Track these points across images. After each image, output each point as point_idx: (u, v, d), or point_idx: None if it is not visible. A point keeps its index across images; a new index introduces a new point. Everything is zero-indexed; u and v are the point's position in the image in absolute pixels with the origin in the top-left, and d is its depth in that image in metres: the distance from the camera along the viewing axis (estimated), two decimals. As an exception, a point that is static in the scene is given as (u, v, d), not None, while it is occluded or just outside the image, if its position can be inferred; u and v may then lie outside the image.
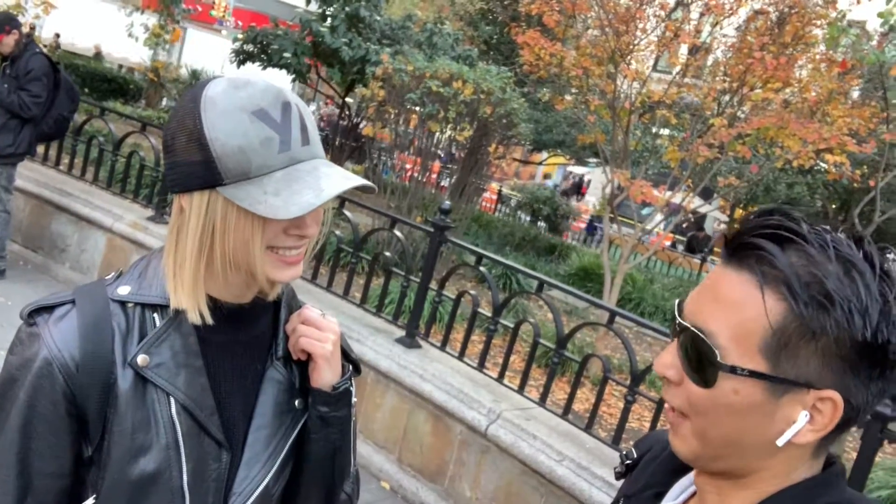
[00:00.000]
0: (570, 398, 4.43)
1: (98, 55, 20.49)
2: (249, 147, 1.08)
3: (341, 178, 1.13)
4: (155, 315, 1.17)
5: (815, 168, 8.92)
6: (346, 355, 1.36)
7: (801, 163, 6.29)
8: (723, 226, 25.70)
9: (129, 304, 1.17)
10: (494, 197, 18.18)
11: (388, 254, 5.52)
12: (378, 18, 11.74)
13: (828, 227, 0.86)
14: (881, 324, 0.80)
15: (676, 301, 0.95)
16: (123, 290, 1.18)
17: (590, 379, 6.33)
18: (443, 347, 4.96)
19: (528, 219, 15.28)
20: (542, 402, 4.49)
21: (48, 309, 1.17)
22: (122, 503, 1.15)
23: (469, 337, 4.92)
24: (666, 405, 0.95)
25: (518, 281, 8.54)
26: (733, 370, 0.84)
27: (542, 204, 14.86)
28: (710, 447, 0.90)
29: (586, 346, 7.05)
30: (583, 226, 17.34)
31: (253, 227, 1.11)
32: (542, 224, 15.25)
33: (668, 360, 0.92)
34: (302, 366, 1.30)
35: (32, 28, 11.92)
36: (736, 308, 0.85)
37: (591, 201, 21.34)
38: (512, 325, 4.76)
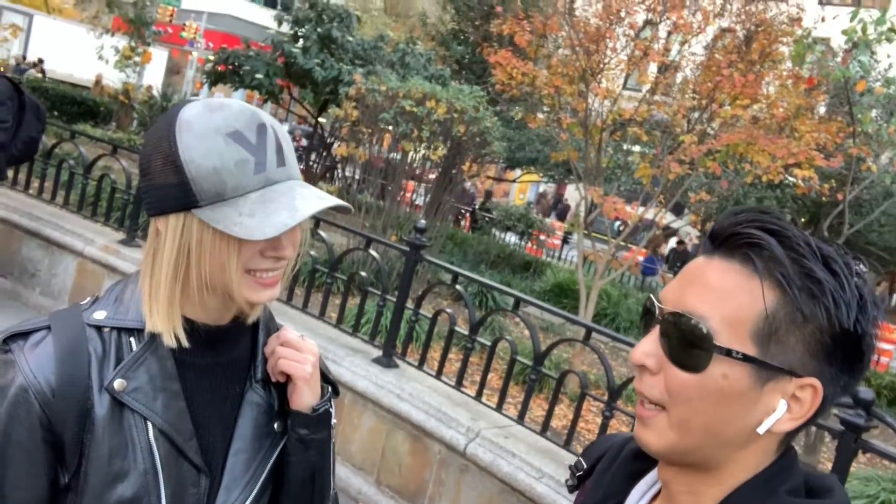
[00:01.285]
0: (549, 415, 4.43)
1: (99, 84, 19.84)
2: (224, 169, 1.08)
3: (316, 199, 1.13)
4: (131, 339, 1.16)
5: (784, 182, 9.05)
6: (325, 377, 1.35)
7: (771, 178, 6.39)
8: (696, 240, 25.97)
9: (106, 329, 1.16)
10: (469, 214, 18.22)
11: (363, 273, 5.51)
12: (350, 39, 11.79)
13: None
14: (859, 315, 0.85)
15: (650, 295, 0.97)
16: (99, 315, 1.17)
17: (567, 395, 6.34)
18: (420, 366, 4.94)
19: (504, 236, 15.33)
20: (520, 419, 4.49)
21: (23, 335, 1.15)
22: None
23: (446, 355, 4.90)
24: (638, 406, 0.95)
25: (494, 298, 8.55)
26: (728, 353, 0.86)
27: (516, 221, 14.94)
28: (688, 438, 0.90)
29: (563, 363, 7.07)
30: (558, 242, 17.42)
31: (229, 248, 1.11)
32: (518, 241, 15.30)
33: (647, 348, 0.92)
34: (280, 388, 1.29)
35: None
36: (728, 295, 0.87)
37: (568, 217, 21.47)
38: (489, 343, 4.76)
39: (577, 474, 1.15)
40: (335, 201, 1.15)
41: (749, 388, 0.87)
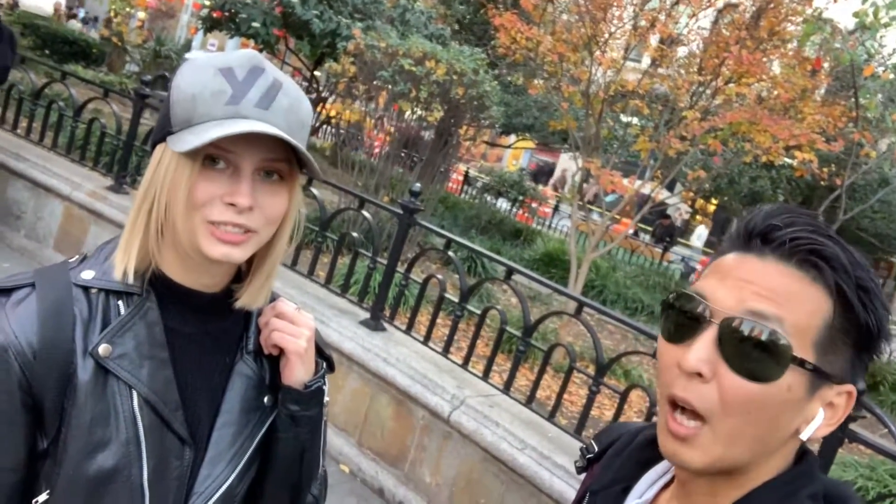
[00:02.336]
0: (535, 386, 4.42)
1: (58, 16, 19.81)
2: (200, 96, 1.05)
3: (266, 128, 1.04)
4: (119, 302, 1.11)
5: (780, 163, 9.01)
6: (321, 352, 1.30)
7: (771, 158, 6.33)
8: (686, 215, 26.00)
9: (93, 290, 1.11)
10: (461, 178, 18.13)
11: (354, 234, 5.44)
12: (350, -8, 11.53)
13: None
14: (886, 321, 0.86)
15: (688, 292, 0.90)
16: (87, 275, 1.12)
17: (552, 366, 6.34)
18: (408, 331, 4.91)
19: (495, 201, 15.27)
20: (506, 389, 4.47)
21: (5, 292, 1.10)
22: (78, 500, 1.09)
23: (434, 321, 4.87)
24: (669, 421, 0.88)
25: (483, 265, 8.51)
26: (802, 363, 0.83)
27: (509, 187, 14.85)
28: (735, 450, 0.86)
29: (550, 333, 7.07)
30: (549, 211, 17.38)
31: (183, 174, 1.06)
32: (509, 208, 15.24)
33: (704, 354, 0.85)
34: (273, 361, 1.24)
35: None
36: (796, 301, 0.83)
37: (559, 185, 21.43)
38: (478, 312, 4.72)
39: (588, 456, 1.13)
40: (300, 148, 1.07)
41: (803, 398, 0.85)
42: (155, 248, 1.12)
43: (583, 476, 1.16)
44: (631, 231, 16.00)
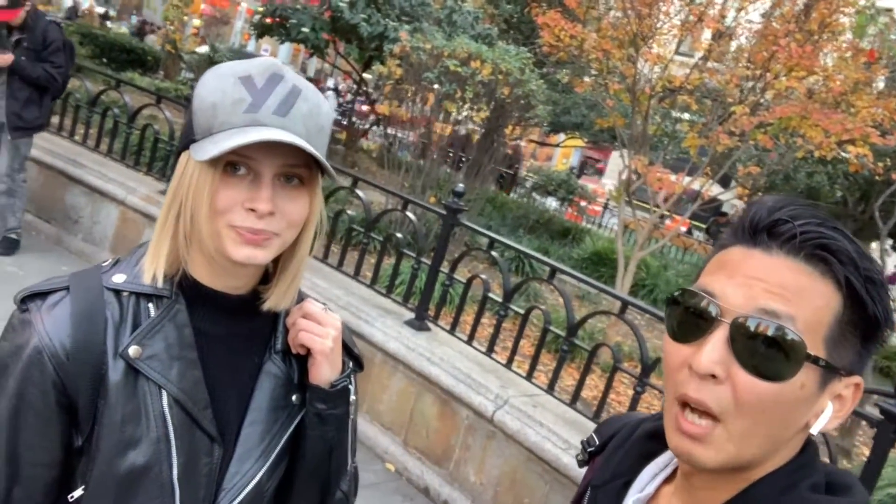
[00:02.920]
0: (579, 386, 4.39)
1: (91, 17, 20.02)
2: (220, 105, 1.07)
3: (284, 135, 1.06)
4: (150, 305, 1.15)
5: (836, 158, 8.78)
6: (349, 351, 1.32)
7: (823, 153, 6.17)
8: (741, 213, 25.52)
9: (124, 293, 1.15)
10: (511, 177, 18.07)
11: (399, 235, 5.48)
12: (397, -6, 11.60)
13: None
14: (892, 312, 0.85)
15: (695, 290, 0.88)
16: (118, 279, 1.16)
17: (600, 365, 6.29)
18: (452, 331, 4.92)
19: (545, 200, 15.20)
20: (549, 389, 4.46)
21: (41, 295, 1.14)
22: (111, 496, 1.12)
23: (478, 321, 4.87)
24: (681, 421, 0.87)
25: (531, 265, 8.48)
26: (816, 361, 0.82)
27: (557, 186, 14.76)
28: (748, 448, 0.85)
29: (597, 332, 7.01)
30: (599, 209, 17.22)
31: (205, 181, 1.08)
32: (558, 206, 15.14)
33: (716, 356, 0.84)
34: (301, 360, 1.27)
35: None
36: (805, 297, 0.82)
37: (608, 184, 21.21)
38: (522, 311, 4.71)
39: (589, 450, 1.13)
40: (315, 154, 1.08)
41: (815, 393, 0.84)
42: (184, 252, 1.16)
43: (584, 470, 1.15)
44: (684, 229, 15.77)
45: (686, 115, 8.38)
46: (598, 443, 1.11)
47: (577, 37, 7.01)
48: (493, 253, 4.93)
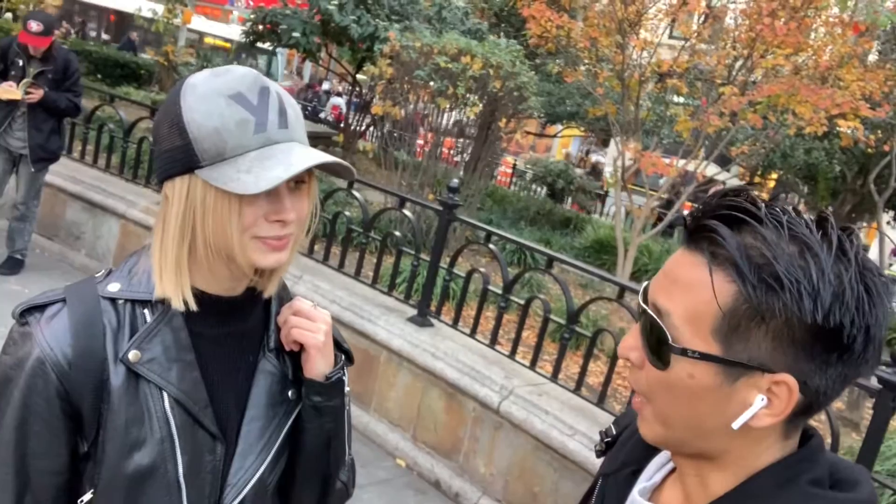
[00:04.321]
0: (582, 373, 4.43)
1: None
2: (225, 128, 1.09)
3: (316, 156, 1.12)
4: (145, 311, 1.19)
5: (833, 133, 8.77)
6: (339, 345, 1.37)
7: (814, 129, 6.19)
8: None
9: (120, 301, 1.19)
10: (510, 171, 18.10)
11: (397, 233, 5.53)
12: (386, -6, 11.63)
13: (787, 208, 0.85)
14: (833, 306, 0.79)
15: (644, 284, 0.94)
16: (113, 287, 1.19)
17: (604, 352, 6.32)
18: (454, 325, 4.97)
19: (543, 192, 15.21)
20: (554, 377, 4.50)
21: (39, 308, 1.18)
22: (120, 498, 1.17)
23: (480, 314, 4.92)
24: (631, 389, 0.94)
25: (533, 256, 8.51)
26: (684, 352, 0.84)
27: (556, 177, 14.77)
28: (672, 431, 0.90)
29: (601, 319, 7.03)
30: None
31: (230, 208, 1.11)
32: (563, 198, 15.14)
33: (631, 342, 0.92)
34: (294, 357, 1.31)
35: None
36: (690, 290, 0.84)
37: (608, 172, 21.21)
38: (523, 302, 4.75)
39: (606, 440, 1.15)
40: (334, 160, 1.14)
41: (718, 385, 0.84)
42: (192, 269, 1.19)
43: (601, 460, 1.16)
44: (686, 212, 15.73)
45: (680, 99, 8.40)
46: (615, 433, 1.14)
47: (564, 27, 7.04)
48: (491, 246, 4.98)
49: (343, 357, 1.35)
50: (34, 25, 5.44)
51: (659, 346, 0.87)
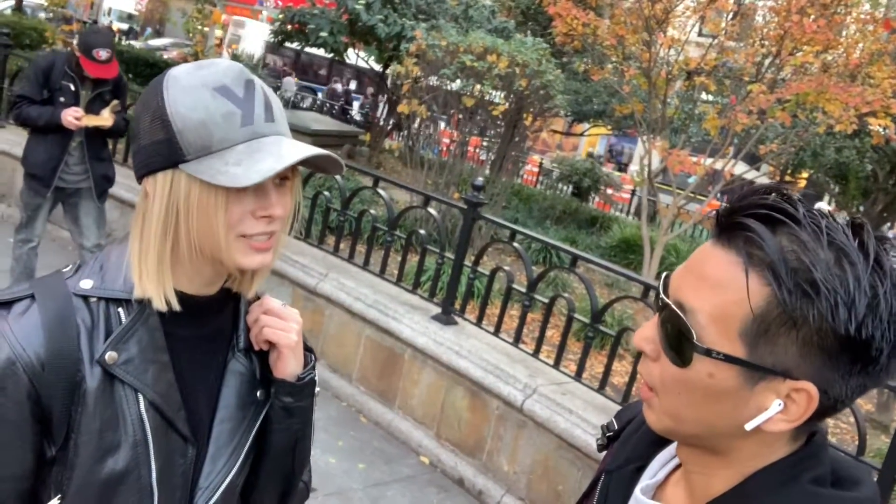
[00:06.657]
0: (606, 372, 4.42)
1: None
2: (211, 121, 1.06)
3: (305, 149, 1.10)
4: (120, 310, 1.14)
5: (864, 131, 8.64)
6: (305, 345, 1.34)
7: (844, 127, 6.10)
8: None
9: (93, 299, 1.13)
10: (536, 170, 18.06)
11: (422, 231, 5.54)
12: (413, -7, 11.67)
13: (826, 212, 0.82)
14: (867, 318, 0.77)
15: (663, 275, 0.93)
16: (86, 285, 1.14)
17: (629, 352, 6.30)
18: (478, 324, 4.98)
19: (569, 190, 15.16)
20: (577, 376, 4.49)
21: (5, 305, 1.11)
22: (91, 502, 1.13)
23: (504, 313, 4.92)
24: (640, 379, 0.94)
25: (558, 255, 8.50)
26: (708, 352, 0.82)
27: (582, 175, 14.71)
28: (681, 426, 0.89)
29: (626, 318, 7.01)
30: (627, 196, 17.12)
31: (216, 202, 1.07)
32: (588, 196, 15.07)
33: (647, 333, 0.90)
34: (262, 356, 1.28)
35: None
36: (720, 288, 0.82)
37: (634, 171, 21.08)
38: (547, 301, 4.75)
39: (608, 434, 1.14)
40: (325, 153, 1.11)
41: (738, 387, 0.82)
42: (174, 268, 1.16)
43: (603, 454, 1.16)
44: (713, 212, 15.58)
45: (709, 97, 8.33)
46: (616, 427, 1.13)
47: (591, 25, 7.01)
48: (515, 244, 4.98)
49: (314, 358, 1.33)
50: (103, 54, 4.71)
51: (680, 344, 0.85)
